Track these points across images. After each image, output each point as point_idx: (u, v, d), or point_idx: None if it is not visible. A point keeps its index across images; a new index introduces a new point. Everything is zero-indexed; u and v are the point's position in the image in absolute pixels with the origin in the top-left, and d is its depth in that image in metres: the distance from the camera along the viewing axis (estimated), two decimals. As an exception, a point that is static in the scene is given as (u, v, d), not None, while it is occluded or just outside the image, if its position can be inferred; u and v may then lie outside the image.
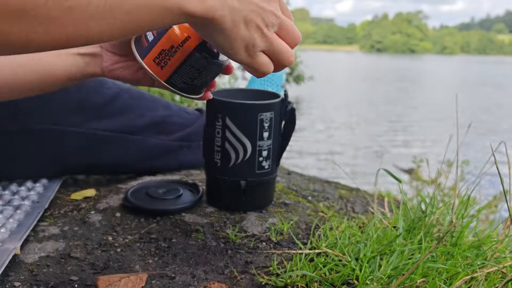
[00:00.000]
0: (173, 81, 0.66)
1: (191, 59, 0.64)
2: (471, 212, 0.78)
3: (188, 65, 0.64)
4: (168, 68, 0.65)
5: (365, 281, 0.59)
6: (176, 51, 0.63)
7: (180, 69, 0.65)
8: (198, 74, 0.66)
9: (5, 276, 0.61)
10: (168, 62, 0.64)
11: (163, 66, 0.65)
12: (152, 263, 0.66)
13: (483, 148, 8.27)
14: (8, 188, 0.85)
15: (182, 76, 0.66)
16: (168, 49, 0.64)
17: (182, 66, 0.64)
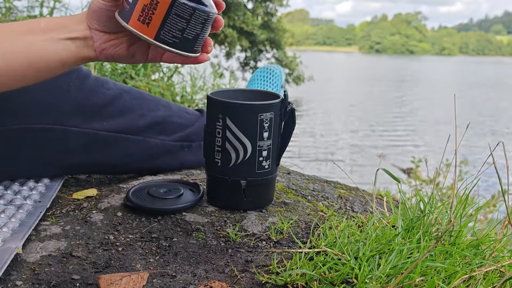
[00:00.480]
0: (162, 36, 0.64)
1: (175, 7, 0.62)
2: (469, 211, 0.79)
3: (174, 15, 0.63)
4: (154, 24, 0.63)
5: (364, 279, 0.59)
6: (158, 2, 0.62)
7: (167, 22, 0.63)
8: (186, 24, 0.64)
9: (7, 275, 0.61)
10: (153, 17, 0.62)
11: (148, 22, 0.63)
12: (153, 262, 0.67)
13: (482, 148, 8.28)
14: (10, 187, 0.85)
15: (170, 29, 0.63)
16: (149, 3, 0.62)
17: (168, 17, 0.62)
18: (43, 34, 0.69)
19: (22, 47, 0.68)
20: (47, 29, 0.69)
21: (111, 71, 3.11)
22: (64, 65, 0.71)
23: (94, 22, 0.69)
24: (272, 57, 12.90)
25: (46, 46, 0.68)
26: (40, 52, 0.69)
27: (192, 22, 0.64)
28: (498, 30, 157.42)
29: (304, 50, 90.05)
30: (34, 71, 0.70)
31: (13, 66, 0.68)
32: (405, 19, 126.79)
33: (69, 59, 0.70)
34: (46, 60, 0.69)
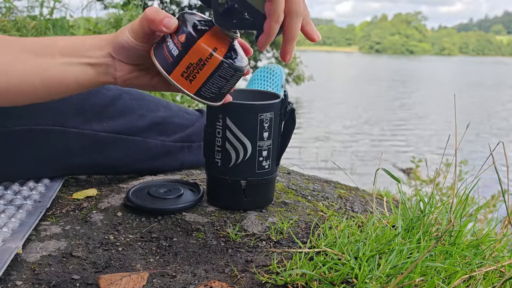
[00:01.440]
0: (202, 93, 0.66)
1: (220, 69, 0.64)
2: (469, 211, 0.79)
3: (217, 76, 0.64)
4: (197, 81, 0.64)
5: (364, 279, 0.59)
6: (205, 64, 0.63)
7: (209, 81, 0.65)
8: (226, 83, 0.66)
9: (7, 275, 0.61)
10: (197, 76, 0.64)
11: (192, 79, 0.64)
12: (153, 262, 0.67)
13: (482, 148, 8.28)
14: (10, 187, 0.85)
15: (211, 87, 0.65)
16: (196, 63, 0.63)
17: (211, 77, 0.64)
18: (61, 57, 0.67)
19: (38, 69, 0.66)
20: (65, 51, 0.67)
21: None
22: (82, 87, 0.69)
23: (121, 56, 0.67)
24: (272, 57, 12.89)
25: (64, 70, 0.67)
26: (57, 76, 0.67)
27: (232, 80, 0.66)
28: (498, 30, 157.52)
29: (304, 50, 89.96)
30: (49, 91, 0.68)
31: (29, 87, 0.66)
32: (405, 19, 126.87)
33: (86, 82, 0.68)
34: (63, 83, 0.68)
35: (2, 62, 0.65)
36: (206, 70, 0.63)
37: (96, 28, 3.23)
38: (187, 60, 0.63)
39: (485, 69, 45.78)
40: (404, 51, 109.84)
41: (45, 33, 2.78)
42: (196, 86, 0.65)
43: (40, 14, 2.88)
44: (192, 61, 0.63)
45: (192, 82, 0.64)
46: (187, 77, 0.64)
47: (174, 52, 0.63)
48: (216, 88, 0.66)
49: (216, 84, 0.65)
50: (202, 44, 0.63)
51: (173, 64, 0.64)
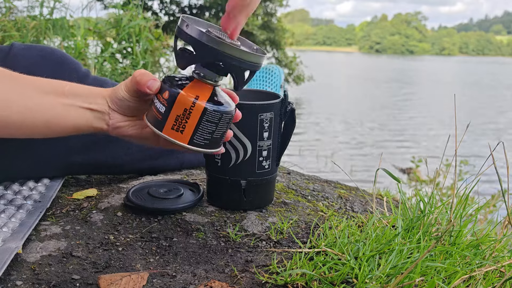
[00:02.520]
0: (195, 141, 0.68)
1: (206, 114, 0.67)
2: (469, 211, 0.79)
3: (205, 122, 0.67)
4: (188, 131, 0.68)
5: (364, 279, 0.59)
6: (190, 113, 0.67)
7: (199, 128, 0.68)
8: (215, 127, 0.69)
9: (7, 275, 0.61)
10: (186, 125, 0.67)
11: (182, 130, 0.67)
12: (153, 262, 0.67)
13: (482, 148, 8.28)
14: (10, 187, 0.85)
15: (202, 133, 0.68)
16: (182, 114, 0.67)
17: (200, 124, 0.67)
18: (65, 98, 0.72)
19: (41, 107, 0.71)
20: (70, 94, 0.72)
21: (111, 71, 3.11)
22: (76, 131, 0.74)
23: (115, 106, 0.73)
24: (272, 57, 12.89)
25: (66, 110, 0.72)
26: (59, 116, 0.71)
27: (220, 124, 0.69)
28: (498, 30, 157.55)
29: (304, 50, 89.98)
30: (47, 130, 0.72)
31: (30, 123, 0.70)
32: (405, 19, 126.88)
33: (83, 127, 0.73)
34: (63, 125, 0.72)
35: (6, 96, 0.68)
36: (193, 118, 0.67)
37: (96, 28, 3.22)
38: (174, 113, 0.67)
39: (485, 69, 45.80)
40: (404, 51, 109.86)
41: (45, 33, 2.78)
42: (188, 136, 0.68)
43: (40, 14, 2.88)
44: (179, 113, 0.67)
45: (183, 132, 0.68)
46: (177, 129, 0.68)
47: (162, 109, 0.68)
48: (208, 134, 0.69)
49: (206, 130, 0.68)
50: (184, 94, 0.67)
51: (163, 120, 0.68)
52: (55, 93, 0.72)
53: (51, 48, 0.93)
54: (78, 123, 0.73)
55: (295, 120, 0.84)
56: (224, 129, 0.71)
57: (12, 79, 0.71)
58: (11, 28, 2.57)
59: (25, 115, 0.69)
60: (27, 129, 0.71)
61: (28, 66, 0.86)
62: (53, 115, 0.71)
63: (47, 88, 0.72)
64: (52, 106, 0.71)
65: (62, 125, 0.73)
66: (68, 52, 2.87)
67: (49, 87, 0.73)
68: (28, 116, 0.70)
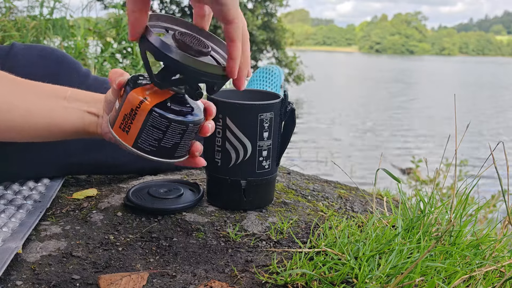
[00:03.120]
0: (139, 145, 0.66)
1: (151, 119, 0.64)
2: (469, 211, 0.79)
3: (150, 126, 0.64)
4: (132, 132, 0.65)
5: (364, 279, 0.59)
6: (136, 114, 0.64)
7: (143, 132, 0.65)
8: (163, 135, 0.65)
9: (7, 275, 0.61)
10: (131, 126, 0.64)
11: (128, 130, 0.65)
12: (153, 262, 0.67)
13: (482, 148, 8.28)
14: (10, 187, 0.85)
15: (147, 138, 0.65)
16: (128, 113, 0.64)
17: (144, 128, 0.64)
18: (67, 101, 0.73)
19: (43, 110, 0.72)
20: (72, 98, 0.74)
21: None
22: (75, 134, 0.75)
23: (106, 109, 0.74)
24: (272, 57, 12.90)
25: (67, 113, 0.73)
26: (59, 118, 0.73)
27: (169, 133, 0.65)
28: (498, 30, 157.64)
29: (304, 50, 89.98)
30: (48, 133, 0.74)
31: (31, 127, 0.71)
32: (405, 19, 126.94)
33: (81, 130, 0.75)
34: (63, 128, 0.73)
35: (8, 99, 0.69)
36: (138, 120, 0.64)
37: (96, 28, 3.23)
38: (123, 111, 0.65)
39: (485, 69, 45.78)
40: (404, 51, 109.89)
41: (45, 33, 2.78)
42: (132, 137, 0.65)
43: (40, 14, 2.88)
44: (126, 112, 0.65)
45: (128, 133, 0.65)
46: (124, 128, 0.65)
47: (117, 106, 0.67)
48: (153, 140, 0.65)
49: (151, 135, 0.65)
50: (134, 93, 0.64)
51: (115, 117, 0.66)
52: (56, 96, 0.73)
53: (51, 48, 0.93)
54: (77, 126, 0.74)
55: (295, 120, 0.84)
56: (178, 139, 0.66)
57: (14, 83, 0.71)
58: (11, 28, 2.57)
59: (27, 118, 0.70)
60: (28, 132, 0.72)
61: (28, 66, 0.86)
62: (54, 117, 0.72)
63: (49, 92, 0.73)
64: (53, 109, 0.72)
65: (62, 128, 0.73)
66: (68, 52, 2.87)
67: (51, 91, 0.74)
68: (29, 119, 0.70)
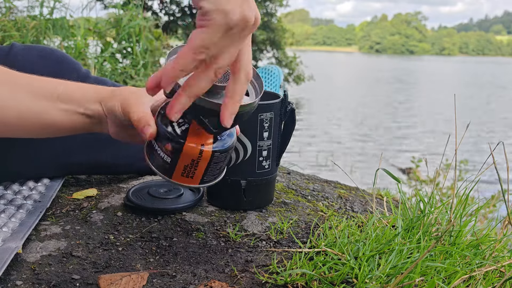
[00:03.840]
0: (205, 180, 0.69)
1: (214, 159, 0.66)
2: (469, 211, 0.79)
3: (213, 164, 0.67)
4: (197, 175, 0.67)
5: (364, 279, 0.59)
6: (199, 162, 0.66)
7: (208, 171, 0.67)
8: (223, 163, 0.69)
9: (7, 275, 0.61)
10: (195, 172, 0.67)
11: (192, 176, 0.67)
12: (153, 262, 0.67)
13: (482, 148, 8.28)
14: (10, 187, 0.85)
15: (212, 173, 0.68)
16: (190, 164, 0.66)
17: (209, 168, 0.67)
18: (60, 103, 0.71)
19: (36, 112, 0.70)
20: (65, 99, 0.71)
21: (111, 71, 3.11)
22: (76, 131, 0.74)
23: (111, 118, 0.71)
24: (272, 57, 12.90)
25: (62, 115, 0.71)
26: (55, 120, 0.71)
27: (227, 158, 0.69)
28: (498, 30, 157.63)
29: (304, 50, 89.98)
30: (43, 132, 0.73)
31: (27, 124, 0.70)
32: (405, 19, 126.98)
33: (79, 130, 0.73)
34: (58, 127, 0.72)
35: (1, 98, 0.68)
36: (202, 165, 0.66)
37: (96, 28, 3.23)
38: (181, 163, 0.66)
39: (485, 69, 45.78)
40: (404, 51, 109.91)
41: (45, 33, 2.78)
42: (198, 179, 0.68)
43: (40, 14, 2.89)
44: (186, 163, 0.66)
45: (193, 177, 0.67)
46: (187, 175, 0.67)
47: (167, 160, 0.66)
48: (216, 171, 0.69)
49: (215, 169, 0.68)
50: (189, 145, 0.64)
51: (170, 169, 0.66)
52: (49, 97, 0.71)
53: (51, 49, 0.93)
54: (76, 127, 0.73)
55: (295, 120, 0.84)
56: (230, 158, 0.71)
57: (8, 80, 0.70)
58: (11, 28, 2.57)
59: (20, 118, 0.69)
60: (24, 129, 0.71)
61: (28, 66, 0.86)
62: (48, 119, 0.71)
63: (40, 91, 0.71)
64: (46, 111, 0.70)
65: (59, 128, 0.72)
66: (68, 52, 2.88)
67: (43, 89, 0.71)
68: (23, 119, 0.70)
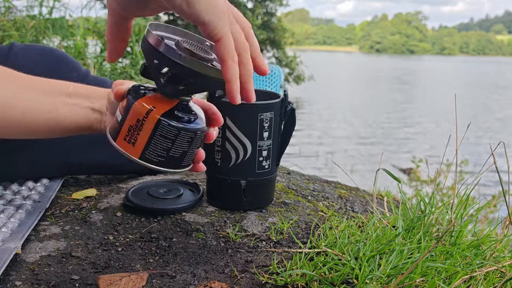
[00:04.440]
0: (147, 156, 0.63)
1: (160, 128, 0.61)
2: (470, 211, 0.79)
3: (158, 136, 0.62)
4: (139, 144, 0.62)
5: (365, 280, 0.59)
6: (143, 124, 0.61)
7: (151, 142, 0.62)
8: (172, 144, 0.63)
9: (6, 276, 0.61)
10: (138, 137, 0.62)
11: (134, 142, 0.62)
12: (153, 262, 0.67)
13: (482, 148, 8.28)
14: (9, 188, 0.85)
15: (155, 149, 0.63)
16: (135, 124, 0.61)
17: (152, 138, 0.62)
18: (69, 97, 0.72)
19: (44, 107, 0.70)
20: (74, 94, 0.72)
21: (110, 70, 3.11)
22: (77, 131, 0.74)
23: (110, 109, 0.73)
24: (272, 57, 12.90)
25: (70, 110, 0.72)
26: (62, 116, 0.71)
27: (178, 141, 0.63)
28: (499, 30, 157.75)
29: (304, 49, 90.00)
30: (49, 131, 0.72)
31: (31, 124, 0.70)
32: (405, 19, 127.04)
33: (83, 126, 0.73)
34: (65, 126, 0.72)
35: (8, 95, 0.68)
36: (145, 130, 0.61)
37: (96, 28, 3.22)
38: (128, 123, 0.62)
39: (486, 69, 45.78)
40: (404, 51, 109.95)
41: (44, 33, 2.78)
42: (139, 149, 0.62)
43: (39, 13, 2.88)
44: (131, 123, 0.62)
45: (134, 145, 0.62)
46: (129, 140, 0.62)
47: (119, 118, 0.63)
48: (162, 151, 0.63)
49: (160, 145, 0.62)
50: (140, 104, 0.61)
51: (118, 129, 0.63)
52: (58, 93, 0.72)
53: (51, 48, 0.93)
54: (81, 123, 0.73)
55: (295, 120, 0.83)
56: (186, 147, 0.64)
57: (13, 79, 0.70)
58: (10, 28, 2.57)
59: (26, 115, 0.69)
60: (27, 129, 0.71)
61: (28, 66, 0.86)
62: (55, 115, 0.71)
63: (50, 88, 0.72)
64: (55, 107, 0.71)
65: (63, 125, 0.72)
66: (67, 51, 2.87)
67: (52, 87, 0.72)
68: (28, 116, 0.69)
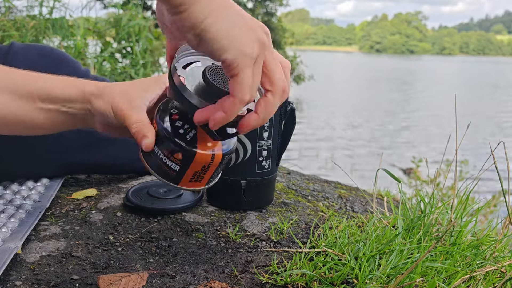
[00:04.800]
0: (211, 182, 0.67)
1: (223, 161, 0.65)
2: (470, 211, 0.79)
3: (221, 166, 0.66)
4: (206, 178, 0.66)
5: (365, 280, 0.59)
6: (209, 167, 0.64)
7: (215, 173, 0.66)
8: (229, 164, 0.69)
9: (6, 275, 0.61)
10: (204, 176, 0.65)
11: (200, 180, 0.65)
12: (153, 262, 0.67)
13: (482, 148, 8.28)
14: (9, 187, 0.85)
15: (218, 174, 0.67)
16: (200, 170, 0.64)
17: (217, 171, 0.66)
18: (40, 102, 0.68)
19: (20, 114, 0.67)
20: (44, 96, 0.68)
21: (110, 70, 3.11)
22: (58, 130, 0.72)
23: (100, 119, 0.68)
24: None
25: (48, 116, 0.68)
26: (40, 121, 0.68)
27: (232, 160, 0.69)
28: (499, 30, 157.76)
29: (304, 49, 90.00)
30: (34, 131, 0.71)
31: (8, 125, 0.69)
32: (405, 19, 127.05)
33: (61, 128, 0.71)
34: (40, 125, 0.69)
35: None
36: (212, 169, 0.65)
37: (96, 28, 3.22)
38: (192, 170, 0.63)
39: (486, 69, 45.78)
40: (404, 51, 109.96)
41: (44, 33, 2.78)
42: (205, 182, 0.66)
43: (40, 13, 2.88)
44: (196, 170, 0.64)
45: (201, 181, 0.66)
46: (195, 180, 0.65)
47: (176, 168, 0.63)
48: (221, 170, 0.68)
49: (220, 170, 0.67)
50: (202, 153, 0.62)
51: (178, 176, 0.64)
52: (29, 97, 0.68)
53: (51, 48, 0.93)
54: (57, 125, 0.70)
55: (295, 119, 0.83)
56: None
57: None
58: (11, 28, 2.57)
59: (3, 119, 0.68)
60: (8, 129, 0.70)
61: (27, 65, 0.86)
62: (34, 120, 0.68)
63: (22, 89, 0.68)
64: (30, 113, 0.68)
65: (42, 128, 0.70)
66: (67, 51, 2.87)
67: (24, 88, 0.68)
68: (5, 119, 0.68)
